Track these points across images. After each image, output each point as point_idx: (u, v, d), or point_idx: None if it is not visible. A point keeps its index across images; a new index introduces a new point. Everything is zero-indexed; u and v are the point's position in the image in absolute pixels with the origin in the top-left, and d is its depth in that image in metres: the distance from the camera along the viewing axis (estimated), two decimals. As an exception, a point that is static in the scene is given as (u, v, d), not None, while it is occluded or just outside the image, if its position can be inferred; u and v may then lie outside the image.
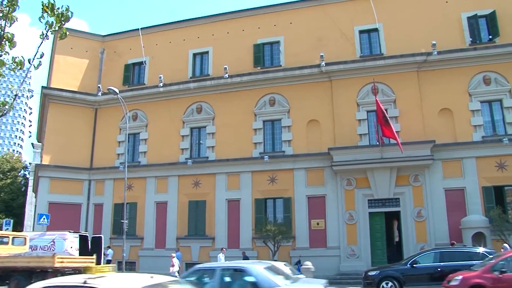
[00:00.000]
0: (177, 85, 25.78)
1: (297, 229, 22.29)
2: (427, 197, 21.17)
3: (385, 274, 15.64)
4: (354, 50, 23.81)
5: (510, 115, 21.35)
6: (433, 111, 21.92)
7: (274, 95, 24.21)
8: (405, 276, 15.25)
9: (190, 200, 24.38)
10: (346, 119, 22.68)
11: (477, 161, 21.10)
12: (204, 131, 25.22)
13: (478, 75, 21.99)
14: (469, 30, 22.83)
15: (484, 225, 19.63)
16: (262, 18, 25.74)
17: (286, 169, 22.99)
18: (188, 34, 26.96)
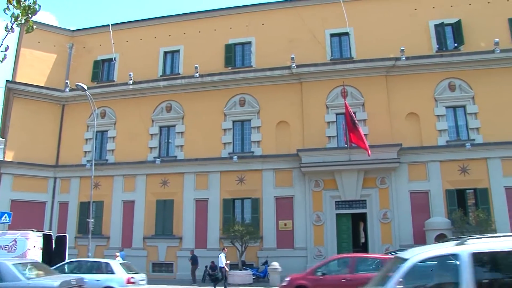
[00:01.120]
0: (147, 83, 25.46)
1: (264, 230, 22.35)
2: (392, 199, 21.59)
3: None
4: (325, 53, 24.07)
5: (473, 121, 22.01)
6: (400, 115, 22.37)
7: (245, 95, 24.22)
8: None
9: (158, 199, 24.13)
10: (315, 121, 22.87)
11: (441, 165, 21.66)
12: (173, 130, 25.00)
13: (444, 81, 22.58)
14: (436, 38, 23.44)
15: (446, 227, 20.18)
16: (234, 18, 25.72)
17: (254, 169, 23.03)
18: (159, 32, 26.66)
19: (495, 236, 6.89)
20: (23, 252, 17.97)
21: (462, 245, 6.18)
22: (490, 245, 6.26)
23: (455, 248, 6.21)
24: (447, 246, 6.67)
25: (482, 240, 6.42)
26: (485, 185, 21.27)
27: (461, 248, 6.14)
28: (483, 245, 6.18)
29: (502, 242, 6.33)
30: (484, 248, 6.14)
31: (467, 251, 6.02)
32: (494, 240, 6.47)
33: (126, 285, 14.86)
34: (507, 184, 21.04)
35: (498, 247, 6.18)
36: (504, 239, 6.50)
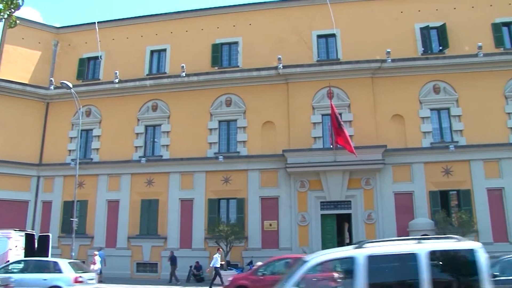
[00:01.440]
0: (133, 82, 25.28)
1: (249, 230, 22.36)
2: (377, 200, 21.76)
3: None
4: (311, 54, 24.18)
5: (456, 123, 22.30)
6: (385, 117, 22.57)
7: (231, 95, 24.19)
8: None
9: (143, 199, 23.98)
10: (301, 122, 22.94)
11: (425, 167, 21.92)
12: (159, 129, 24.85)
13: (429, 84, 22.84)
14: (421, 40, 23.70)
15: (430, 227, 20.45)
16: (221, 18, 25.66)
17: (240, 169, 23.01)
18: (146, 30, 26.48)
19: (389, 240, 7.35)
20: (5, 252, 17.75)
21: (360, 248, 6.54)
22: (384, 248, 6.68)
23: (353, 252, 6.55)
24: (346, 249, 7.00)
25: (378, 244, 6.85)
26: (467, 186, 21.56)
27: (358, 251, 6.48)
28: (378, 249, 6.59)
29: (395, 245, 6.83)
30: (378, 251, 6.53)
31: (363, 254, 6.37)
32: (388, 244, 6.92)
33: (74, 284, 14.89)
34: (489, 185, 21.38)
35: (391, 250, 6.63)
36: (397, 243, 7.04)
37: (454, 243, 6.78)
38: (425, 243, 6.66)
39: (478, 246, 6.49)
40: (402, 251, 6.62)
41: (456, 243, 6.78)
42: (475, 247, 6.46)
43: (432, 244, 6.71)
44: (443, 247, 6.69)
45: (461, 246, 6.68)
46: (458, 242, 6.78)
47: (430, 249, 6.41)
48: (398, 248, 6.77)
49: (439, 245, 6.74)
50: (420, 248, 6.40)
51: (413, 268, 6.27)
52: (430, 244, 6.63)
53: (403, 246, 6.80)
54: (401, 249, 6.70)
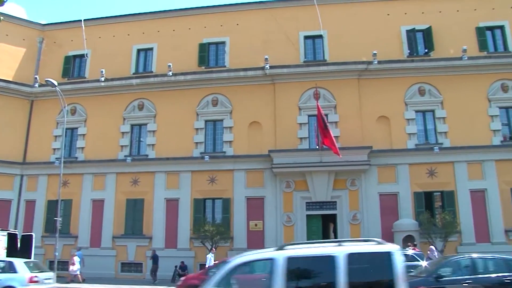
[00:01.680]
0: (119, 81, 25.10)
1: (235, 230, 22.34)
2: (362, 201, 21.90)
3: None
4: (298, 55, 24.24)
5: (441, 125, 22.56)
6: (371, 118, 22.72)
7: (217, 95, 24.15)
8: None
9: (128, 198, 23.81)
10: (287, 122, 22.99)
11: (410, 168, 22.13)
12: (145, 129, 24.68)
13: (414, 86, 23.07)
14: (407, 43, 23.94)
15: (414, 228, 20.65)
16: (208, 17, 25.59)
17: (226, 169, 22.98)
18: (133, 29, 26.30)
19: (311, 242, 7.76)
20: (-14, 251, 17.53)
21: (280, 250, 6.73)
22: (304, 250, 6.90)
23: (273, 253, 6.73)
24: (268, 251, 7.17)
25: (297, 247, 7.07)
26: (451, 188, 21.83)
27: (278, 253, 6.65)
28: (298, 251, 6.80)
29: (315, 248, 7.06)
30: (298, 253, 6.72)
31: (283, 255, 6.54)
32: (308, 246, 7.17)
33: (28, 284, 14.82)
34: (472, 187, 21.68)
35: (310, 253, 6.83)
36: (318, 245, 7.27)
37: (372, 246, 6.93)
38: (345, 245, 6.83)
39: (395, 249, 6.64)
40: (320, 254, 6.78)
41: (374, 246, 6.93)
42: (392, 250, 6.60)
43: (351, 246, 6.88)
44: (361, 250, 6.84)
45: (379, 249, 6.81)
46: (377, 245, 6.93)
47: (348, 251, 6.53)
48: (317, 250, 6.96)
49: (357, 248, 6.90)
50: (338, 251, 6.55)
51: (331, 271, 6.39)
52: (349, 247, 6.79)
53: (322, 248, 7.01)
54: (320, 251, 6.89)
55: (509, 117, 22.66)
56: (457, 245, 20.99)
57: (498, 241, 20.91)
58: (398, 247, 6.79)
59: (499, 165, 21.76)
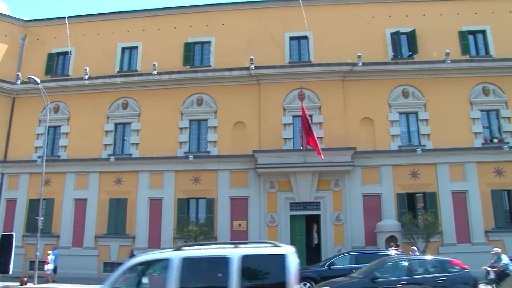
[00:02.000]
0: (103, 79, 24.84)
1: (219, 230, 22.27)
2: (346, 202, 22.03)
3: (303, 275, 16.11)
4: (283, 56, 24.27)
5: (424, 127, 22.80)
6: (355, 120, 22.86)
7: (202, 95, 24.06)
8: (322, 277, 15.91)
9: (111, 197, 23.58)
10: (272, 123, 23.02)
11: (393, 169, 22.31)
12: (129, 128, 24.46)
13: (398, 88, 23.28)
14: (391, 45, 24.12)
15: (396, 229, 20.83)
16: (194, 17, 25.49)
17: (210, 169, 22.91)
18: (118, 27, 26.07)
19: (208, 244, 7.96)
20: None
21: (177, 251, 6.92)
22: (200, 251, 7.10)
23: (169, 254, 6.93)
24: (165, 251, 7.35)
25: (196, 247, 7.31)
26: (433, 189, 22.08)
27: (174, 253, 6.85)
28: (194, 252, 7.02)
29: (211, 249, 7.32)
30: (194, 254, 6.93)
31: (179, 256, 6.73)
32: (205, 247, 7.40)
33: None
34: (454, 188, 21.97)
35: (206, 254, 7.04)
36: (215, 246, 7.57)
37: (268, 248, 7.07)
38: (241, 247, 6.95)
39: (290, 252, 6.77)
40: (215, 255, 6.94)
41: (269, 248, 7.08)
42: (287, 253, 6.73)
43: (246, 248, 6.99)
44: (256, 252, 6.96)
45: (273, 251, 6.94)
46: (272, 247, 7.06)
47: (243, 253, 6.66)
48: (213, 251, 7.12)
49: (252, 250, 7.02)
50: (233, 252, 6.67)
51: (226, 272, 6.51)
52: (244, 249, 6.91)
53: (217, 249, 7.18)
54: (215, 252, 7.05)
55: (490, 120, 23.01)
56: (438, 245, 21.25)
57: (478, 241, 21.24)
58: (293, 250, 6.86)
59: (480, 167, 22.10)
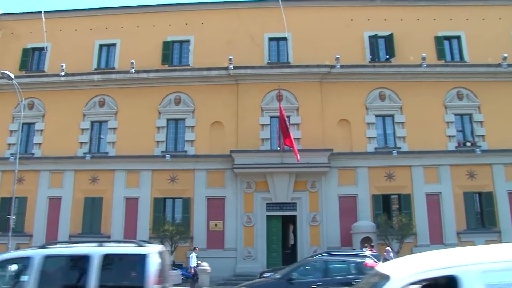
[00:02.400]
0: (79, 76, 24.46)
1: (195, 230, 22.21)
2: (322, 203, 22.21)
3: None
4: (262, 56, 24.33)
5: (400, 129, 23.14)
6: (332, 121, 23.06)
7: (180, 94, 23.92)
8: None
9: (86, 196, 23.26)
10: (249, 123, 23.04)
11: (369, 171, 22.60)
12: (105, 126, 24.15)
13: (375, 91, 23.57)
14: (369, 48, 24.43)
15: (371, 230, 21.12)
16: (173, 15, 25.31)
17: (187, 169, 22.81)
18: (96, 23, 25.67)
19: (73, 242, 8.13)
20: None
21: (40, 249, 6.98)
22: (63, 249, 7.20)
23: (31, 251, 6.98)
24: (29, 249, 7.45)
25: (58, 246, 7.38)
26: (408, 191, 22.45)
27: (36, 251, 6.89)
28: (57, 250, 7.08)
29: (73, 247, 7.41)
30: (56, 252, 6.99)
31: (40, 254, 6.77)
32: (68, 245, 7.54)
33: None
34: (427, 190, 22.38)
35: (68, 252, 7.15)
36: (78, 245, 7.56)
37: (130, 248, 7.12)
38: (105, 246, 6.99)
39: (152, 252, 6.81)
40: (77, 253, 6.99)
41: (132, 247, 7.12)
42: (148, 253, 6.77)
43: (108, 247, 7.03)
44: (117, 251, 7.03)
45: (135, 250, 6.99)
46: (136, 247, 7.09)
47: (104, 252, 6.69)
48: (75, 249, 7.19)
49: (114, 249, 7.08)
50: (94, 251, 6.69)
51: (86, 270, 6.52)
52: (106, 248, 6.94)
53: (80, 248, 7.19)
54: (77, 250, 7.10)
55: (463, 124, 23.50)
56: (412, 246, 21.58)
57: (450, 242, 21.63)
58: (157, 250, 6.89)
59: (453, 170, 22.55)
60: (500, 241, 21.67)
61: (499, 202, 22.31)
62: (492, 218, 22.25)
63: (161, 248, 7.50)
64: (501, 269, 4.14)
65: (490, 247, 4.91)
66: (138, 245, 7.00)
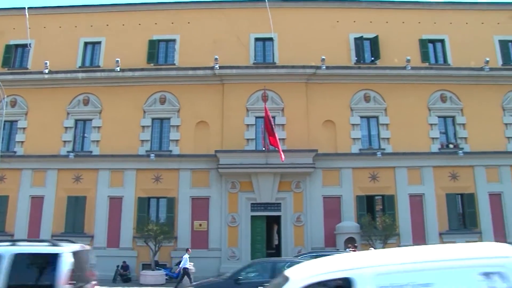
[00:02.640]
0: (64, 74, 24.13)
1: (179, 230, 22.12)
2: (306, 203, 22.30)
3: None
4: (248, 57, 24.31)
5: (384, 131, 23.35)
6: (317, 122, 23.17)
7: (165, 93, 23.77)
8: None
9: (69, 195, 22.97)
10: (234, 123, 23.02)
11: (353, 172, 22.76)
12: (89, 124, 23.89)
13: (360, 92, 23.74)
14: (355, 50, 24.57)
15: (355, 230, 21.28)
16: (159, 14, 25.14)
17: (171, 168, 22.68)
18: (81, 21, 25.38)
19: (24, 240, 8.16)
20: None
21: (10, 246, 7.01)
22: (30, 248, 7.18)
23: None
24: None
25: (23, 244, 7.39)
26: (392, 192, 22.68)
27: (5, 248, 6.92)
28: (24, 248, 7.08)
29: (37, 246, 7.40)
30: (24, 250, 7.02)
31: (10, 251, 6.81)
32: None
33: None
34: (411, 191, 22.64)
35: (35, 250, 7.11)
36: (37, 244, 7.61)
37: (43, 247, 7.16)
38: (18, 245, 7.05)
39: (65, 251, 6.85)
40: None
41: (45, 247, 7.15)
42: (60, 252, 6.80)
43: (19, 247, 7.05)
44: (29, 250, 7.05)
45: (48, 250, 7.01)
46: (48, 246, 7.13)
47: (15, 251, 6.72)
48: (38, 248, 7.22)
49: (25, 248, 7.10)
50: (4, 250, 6.73)
51: None
52: (17, 247, 6.99)
53: None
54: None
55: (446, 126, 23.81)
56: (395, 246, 21.61)
57: (433, 243, 21.83)
58: (72, 249, 6.91)
59: (436, 171, 22.84)
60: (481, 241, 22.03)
61: (480, 203, 22.66)
62: (473, 219, 22.59)
63: (79, 248, 7.38)
64: (393, 272, 4.42)
65: (386, 251, 5.32)
66: (52, 245, 6.94)
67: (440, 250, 5.18)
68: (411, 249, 5.29)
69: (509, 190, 22.87)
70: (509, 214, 22.65)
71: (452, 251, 5.00)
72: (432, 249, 5.26)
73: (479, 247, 5.29)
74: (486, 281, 4.50)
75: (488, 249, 5.06)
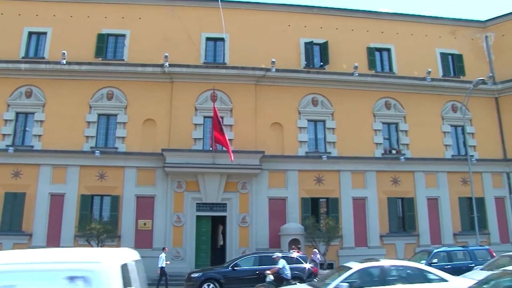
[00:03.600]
0: (5, 64, 22.93)
1: (123, 229, 21.68)
2: (252, 204, 22.46)
3: (207, 276, 16.67)
4: (199, 56, 24.20)
5: (330, 135, 23.93)
6: (265, 124, 23.41)
7: (113, 89, 23.18)
8: (226, 278, 16.55)
9: (7, 191, 21.89)
10: (182, 122, 22.85)
11: (299, 174, 23.15)
12: (31, 118, 22.87)
13: (308, 96, 24.20)
14: (305, 54, 25.03)
15: (299, 232, 21.61)
16: (110, 7, 24.48)
17: (117, 166, 22.18)
18: (25, 9, 24.26)
19: None
20: None
21: None
22: None
23: None
24: None
25: None
26: (336, 195, 23.28)
27: None
28: None
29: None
30: None
31: None
32: None
33: None
34: (354, 195, 23.34)
35: None
36: None
37: None
38: None
39: None
40: None
41: None
42: None
43: None
44: None
45: None
46: None
47: None
48: None
49: None
50: None
51: None
52: None
53: None
54: None
55: (390, 132, 24.72)
56: (338, 248, 22.44)
57: (374, 245, 22.79)
58: None
59: (379, 176, 23.69)
60: (418, 244, 23.04)
61: (419, 207, 23.73)
62: (412, 222, 23.60)
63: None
64: None
65: None
66: None
67: (29, 254, 5.58)
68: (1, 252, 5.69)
69: (445, 195, 24.08)
70: (445, 218, 23.84)
71: (41, 255, 5.48)
72: (21, 253, 5.65)
73: (70, 252, 5.83)
74: (70, 284, 4.94)
75: (76, 255, 5.58)
